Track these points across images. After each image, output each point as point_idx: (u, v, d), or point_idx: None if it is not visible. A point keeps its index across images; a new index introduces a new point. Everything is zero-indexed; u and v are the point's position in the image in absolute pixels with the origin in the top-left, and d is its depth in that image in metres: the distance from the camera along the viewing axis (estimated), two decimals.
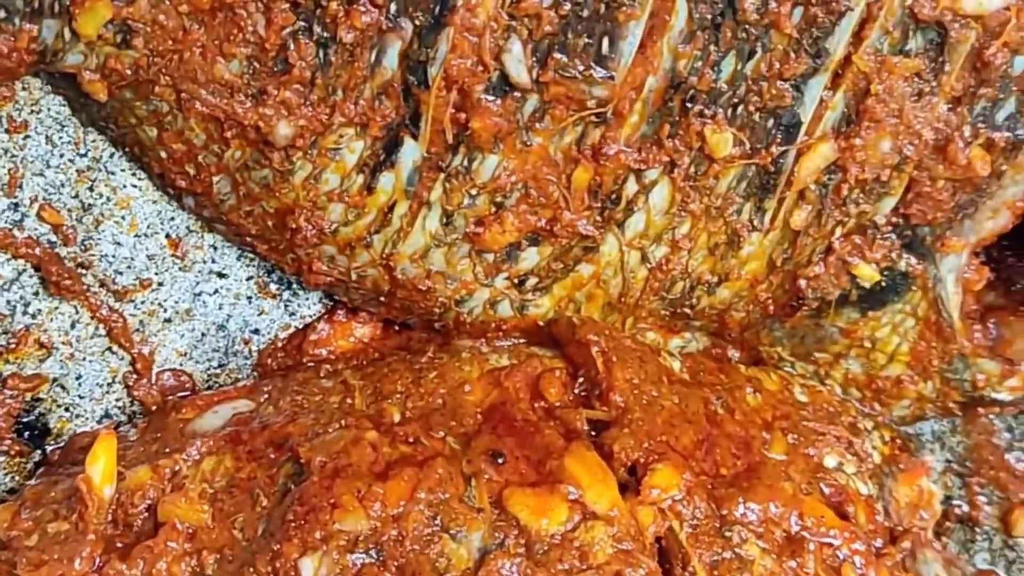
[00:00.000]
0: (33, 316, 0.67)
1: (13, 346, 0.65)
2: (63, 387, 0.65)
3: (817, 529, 0.58)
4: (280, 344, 0.70)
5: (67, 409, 0.67)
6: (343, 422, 0.61)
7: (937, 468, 0.72)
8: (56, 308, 0.66)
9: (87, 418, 0.66)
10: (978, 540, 0.72)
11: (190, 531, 0.56)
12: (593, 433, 0.61)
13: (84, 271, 0.62)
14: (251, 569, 0.54)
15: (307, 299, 0.71)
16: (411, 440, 0.58)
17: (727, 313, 0.67)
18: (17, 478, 0.62)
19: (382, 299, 0.67)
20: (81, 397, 0.66)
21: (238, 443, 0.57)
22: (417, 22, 0.56)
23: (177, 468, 0.56)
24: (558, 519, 0.54)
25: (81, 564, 0.53)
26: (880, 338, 0.65)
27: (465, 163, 0.59)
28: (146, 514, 0.55)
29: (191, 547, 0.56)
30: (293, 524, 0.54)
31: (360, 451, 0.56)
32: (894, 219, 0.61)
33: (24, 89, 0.59)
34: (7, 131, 0.59)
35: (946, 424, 0.74)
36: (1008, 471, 0.72)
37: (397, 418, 0.60)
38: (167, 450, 0.57)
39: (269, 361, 0.69)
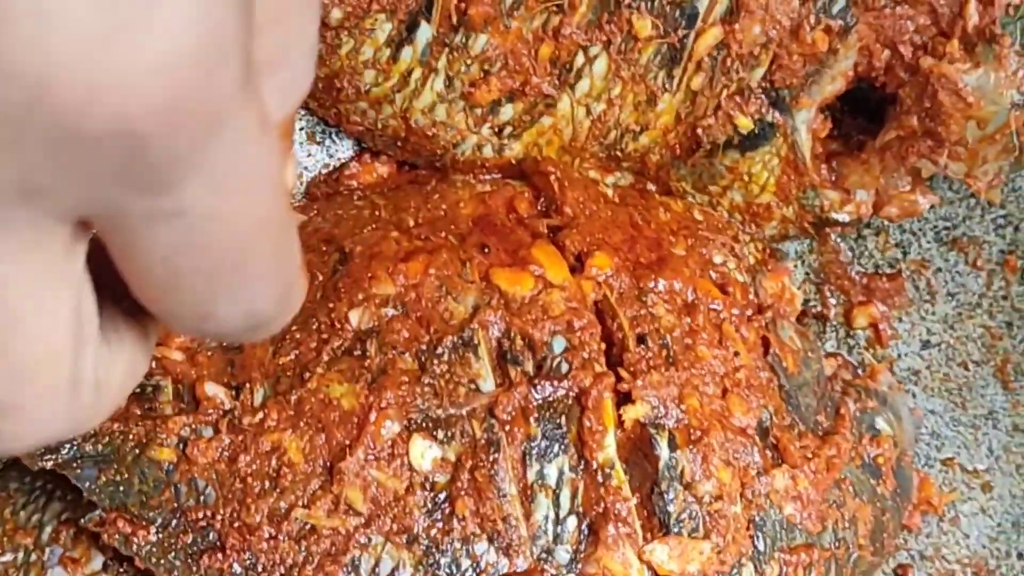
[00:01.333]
0: None
1: None
2: None
3: (706, 299, 0.68)
4: (322, 177, 0.78)
5: None
6: (373, 226, 0.70)
7: (799, 278, 0.81)
8: None
9: None
10: (827, 332, 0.82)
11: None
12: (551, 234, 0.70)
13: None
14: (314, 319, 0.65)
15: (343, 144, 0.78)
16: (423, 237, 0.69)
17: (647, 155, 0.74)
18: None
19: (399, 144, 0.75)
20: None
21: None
22: None
23: None
24: (528, 286, 0.66)
25: None
26: (754, 173, 0.73)
27: (463, 40, 0.68)
28: None
29: None
30: (343, 290, 0.65)
31: (387, 243, 0.68)
32: (763, 83, 0.70)
33: None
34: None
35: (805, 245, 0.82)
36: (850, 280, 0.81)
37: (412, 223, 0.70)
38: None
39: (314, 190, 0.78)
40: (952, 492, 0.79)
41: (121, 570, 0.65)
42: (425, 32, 0.69)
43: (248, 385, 0.65)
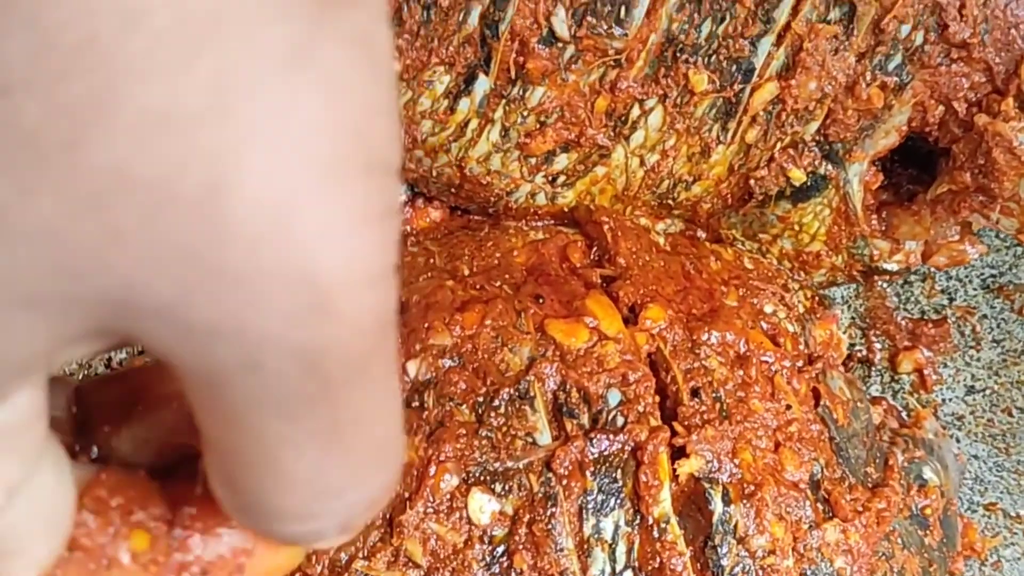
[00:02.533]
0: None
1: None
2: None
3: (758, 351, 0.69)
4: None
5: None
6: (429, 274, 0.70)
7: (844, 323, 0.82)
8: None
9: None
10: (872, 376, 0.82)
11: None
12: (604, 284, 0.71)
13: None
14: None
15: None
16: (477, 287, 0.69)
17: (698, 204, 0.75)
18: None
19: (453, 191, 0.75)
20: None
21: None
22: None
23: None
24: (583, 338, 0.66)
25: None
26: (805, 223, 0.73)
27: (520, 92, 0.69)
28: None
29: None
30: (400, 340, 0.65)
31: (443, 293, 0.68)
32: (817, 137, 0.70)
33: None
34: None
35: (851, 290, 0.82)
36: (895, 325, 0.82)
37: (466, 272, 0.71)
38: None
39: None
40: (995, 537, 0.80)
41: None
42: (483, 84, 0.69)
43: None
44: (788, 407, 0.68)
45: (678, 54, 0.68)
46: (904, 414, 0.82)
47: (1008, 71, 0.68)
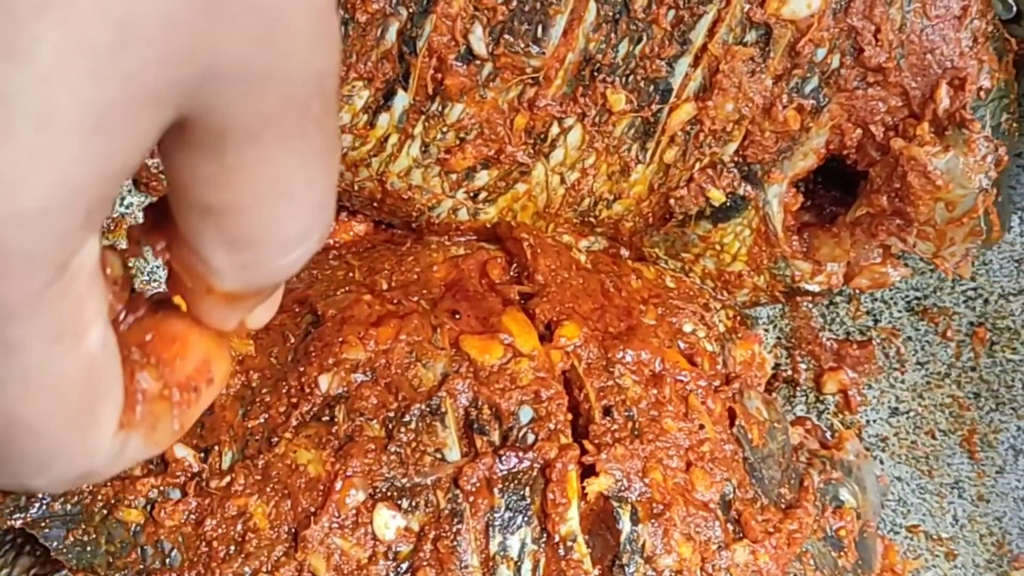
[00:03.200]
0: (127, 207, 0.76)
1: (112, 228, 0.76)
2: (145, 259, 0.74)
3: (673, 370, 0.68)
4: None
5: (148, 274, 0.76)
6: (347, 288, 0.70)
7: (770, 343, 0.82)
8: (143, 201, 0.75)
9: (161, 283, 0.73)
10: (797, 396, 0.83)
11: (239, 358, 0.66)
12: (522, 301, 0.71)
13: (163, 176, 0.71)
14: (284, 383, 0.65)
15: None
16: (395, 301, 0.69)
17: (620, 222, 0.75)
18: None
19: (375, 205, 0.75)
20: (158, 266, 0.75)
21: None
22: (410, 9, 0.66)
23: None
24: (496, 355, 0.66)
25: None
26: (726, 243, 0.74)
27: (439, 108, 0.69)
28: None
29: (240, 368, 0.66)
30: (313, 354, 0.66)
31: (360, 307, 0.68)
32: (736, 158, 0.70)
33: None
34: None
35: (777, 310, 0.82)
36: (821, 346, 0.82)
37: (385, 286, 0.71)
38: None
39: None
40: (916, 559, 0.80)
41: None
42: (402, 100, 0.70)
43: (217, 448, 0.65)
44: (701, 427, 0.68)
45: (595, 73, 0.68)
46: (828, 434, 0.82)
47: (924, 96, 0.68)
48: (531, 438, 0.65)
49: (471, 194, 0.74)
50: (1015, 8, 0.69)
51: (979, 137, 0.67)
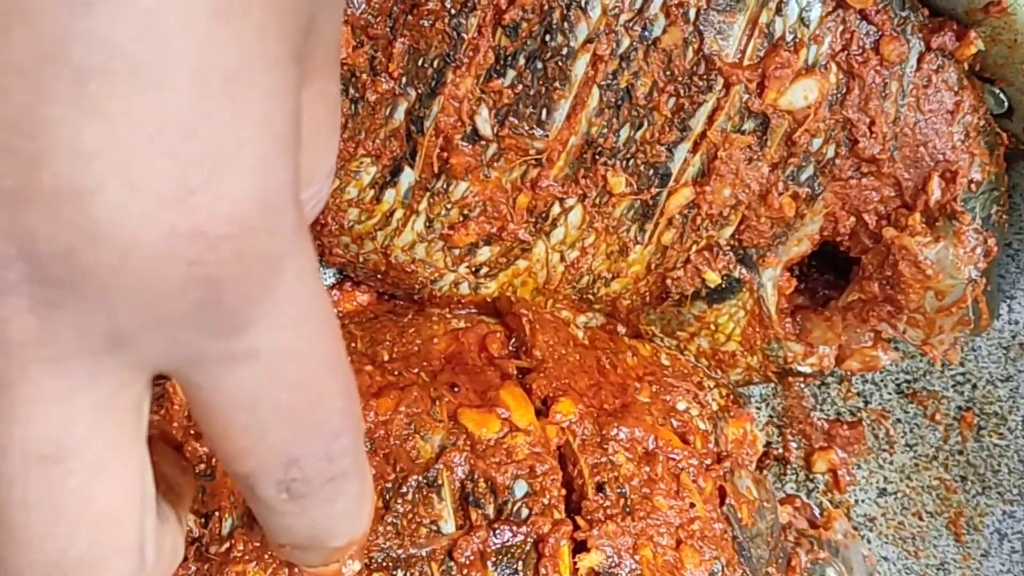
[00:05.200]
0: None
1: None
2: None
3: (666, 448, 0.69)
4: None
5: None
6: (349, 359, 0.74)
7: (761, 421, 0.83)
8: None
9: None
10: (788, 474, 0.83)
11: None
12: (520, 376, 0.72)
13: None
14: None
15: (325, 273, 0.79)
16: (395, 373, 0.70)
17: (617, 300, 0.75)
18: None
19: (379, 276, 0.75)
20: None
21: None
22: (419, 91, 0.67)
23: None
24: (493, 429, 0.67)
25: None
26: (721, 323, 0.75)
27: (444, 186, 0.70)
28: None
29: None
30: None
31: (360, 378, 0.68)
32: (732, 241, 0.71)
33: None
34: None
35: (769, 389, 0.83)
36: (811, 425, 0.83)
37: (386, 357, 0.72)
38: None
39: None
40: None
41: None
42: (408, 176, 0.71)
43: (217, 514, 0.66)
44: (692, 505, 0.69)
45: (597, 156, 0.70)
46: (817, 512, 0.82)
47: (916, 187, 0.70)
48: (525, 512, 0.66)
49: (473, 269, 0.74)
50: (1006, 103, 0.70)
51: (969, 229, 0.68)
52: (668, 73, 0.67)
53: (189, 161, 0.28)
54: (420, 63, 0.67)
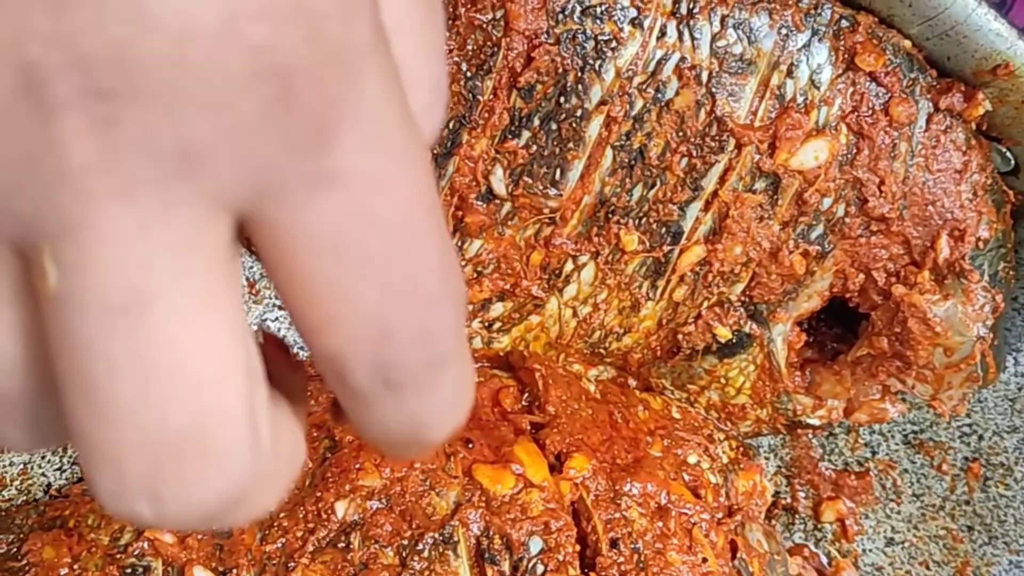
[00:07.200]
0: None
1: None
2: None
3: (678, 503, 0.70)
4: None
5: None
6: None
7: (770, 471, 0.83)
8: None
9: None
10: (796, 523, 0.84)
11: None
12: (533, 431, 0.73)
13: None
14: (301, 507, 0.67)
15: None
16: None
17: (629, 354, 0.77)
18: None
19: None
20: None
21: None
22: (434, 151, 0.67)
23: None
24: (508, 485, 0.68)
25: None
26: (731, 377, 0.76)
27: (459, 243, 0.70)
28: None
29: None
30: (330, 479, 0.67)
31: None
32: (742, 298, 0.72)
33: None
34: None
35: (778, 440, 0.84)
36: (819, 475, 0.84)
37: None
38: None
39: (310, 369, 0.78)
40: None
41: None
42: None
43: (235, 571, 0.67)
44: (704, 560, 0.70)
45: (610, 215, 0.71)
46: (826, 562, 0.83)
47: (925, 245, 0.70)
48: (540, 569, 0.66)
49: (486, 324, 0.75)
50: (1013, 161, 0.71)
51: (978, 288, 0.69)
52: (681, 134, 0.68)
53: None
54: None
